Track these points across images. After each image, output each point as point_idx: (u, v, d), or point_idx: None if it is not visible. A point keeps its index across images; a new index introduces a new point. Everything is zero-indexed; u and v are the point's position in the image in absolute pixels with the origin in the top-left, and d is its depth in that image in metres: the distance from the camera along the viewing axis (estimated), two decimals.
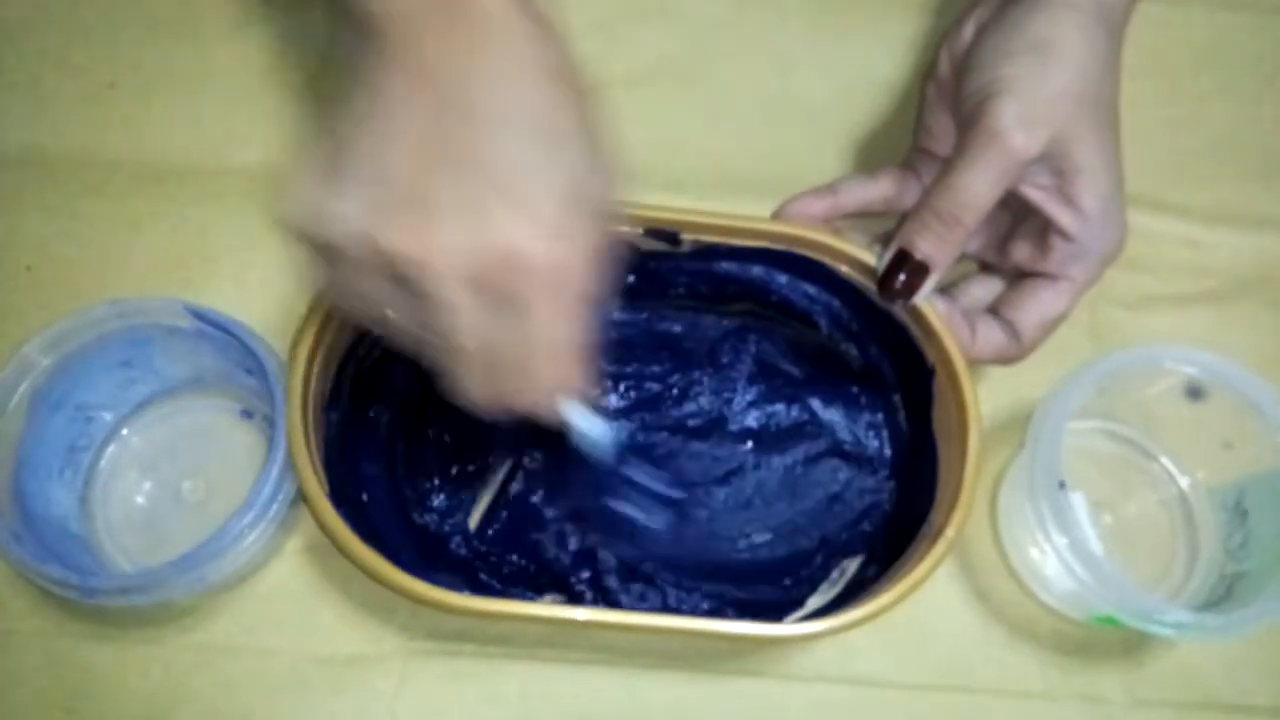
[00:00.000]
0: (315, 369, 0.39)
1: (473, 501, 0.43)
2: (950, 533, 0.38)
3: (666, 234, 0.42)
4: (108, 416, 0.43)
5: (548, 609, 0.37)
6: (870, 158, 0.50)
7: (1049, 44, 0.39)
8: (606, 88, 0.49)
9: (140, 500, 0.43)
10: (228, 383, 0.43)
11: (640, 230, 0.42)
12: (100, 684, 0.40)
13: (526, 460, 0.43)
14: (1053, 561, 0.39)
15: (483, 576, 0.41)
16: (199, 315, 0.40)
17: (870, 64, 0.52)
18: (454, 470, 0.43)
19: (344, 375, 0.42)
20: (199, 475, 0.43)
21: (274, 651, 0.41)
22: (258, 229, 0.47)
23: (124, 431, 0.44)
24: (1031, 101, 0.39)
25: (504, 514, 0.43)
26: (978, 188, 0.39)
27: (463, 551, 0.42)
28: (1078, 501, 0.43)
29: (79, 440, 0.42)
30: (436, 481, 0.43)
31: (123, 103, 0.49)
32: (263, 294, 0.45)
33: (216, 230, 0.47)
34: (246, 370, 0.41)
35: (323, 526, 0.37)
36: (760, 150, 0.50)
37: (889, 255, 0.41)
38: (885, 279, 0.41)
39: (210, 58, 0.50)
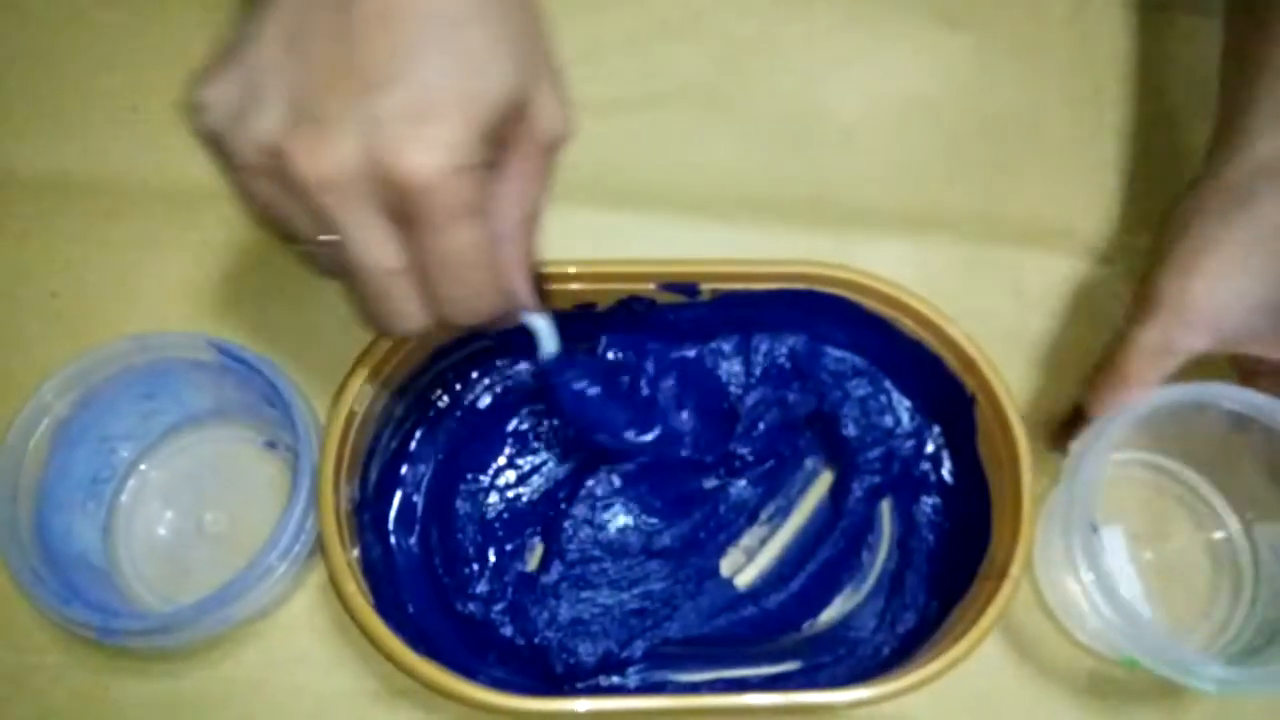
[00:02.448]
0: (344, 473, 0.39)
1: (514, 586, 0.42)
2: (1015, 571, 0.37)
3: (684, 286, 0.41)
4: (130, 448, 0.43)
5: (597, 703, 0.36)
6: (901, 177, 0.49)
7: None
8: (635, 107, 0.49)
9: (162, 532, 0.43)
10: (250, 414, 0.43)
11: (653, 285, 0.41)
12: (124, 719, 0.40)
13: (565, 540, 0.43)
14: (1086, 599, 0.38)
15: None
16: (222, 350, 0.40)
17: (901, 81, 0.51)
18: (492, 553, 0.43)
19: (369, 472, 0.41)
20: (221, 507, 0.43)
21: (299, 686, 0.41)
22: (280, 254, 0.46)
23: (146, 463, 0.43)
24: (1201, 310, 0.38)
25: (551, 600, 0.42)
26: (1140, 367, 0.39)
27: (520, 641, 0.41)
28: (1113, 538, 0.41)
29: (102, 472, 0.42)
30: (475, 567, 0.42)
31: (146, 126, 0.49)
32: (286, 319, 0.45)
33: (239, 255, 0.46)
34: (269, 403, 0.40)
35: (372, 639, 0.36)
36: (789, 171, 0.49)
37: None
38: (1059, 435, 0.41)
39: None
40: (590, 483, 0.43)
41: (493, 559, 0.42)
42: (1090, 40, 0.51)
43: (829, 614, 0.42)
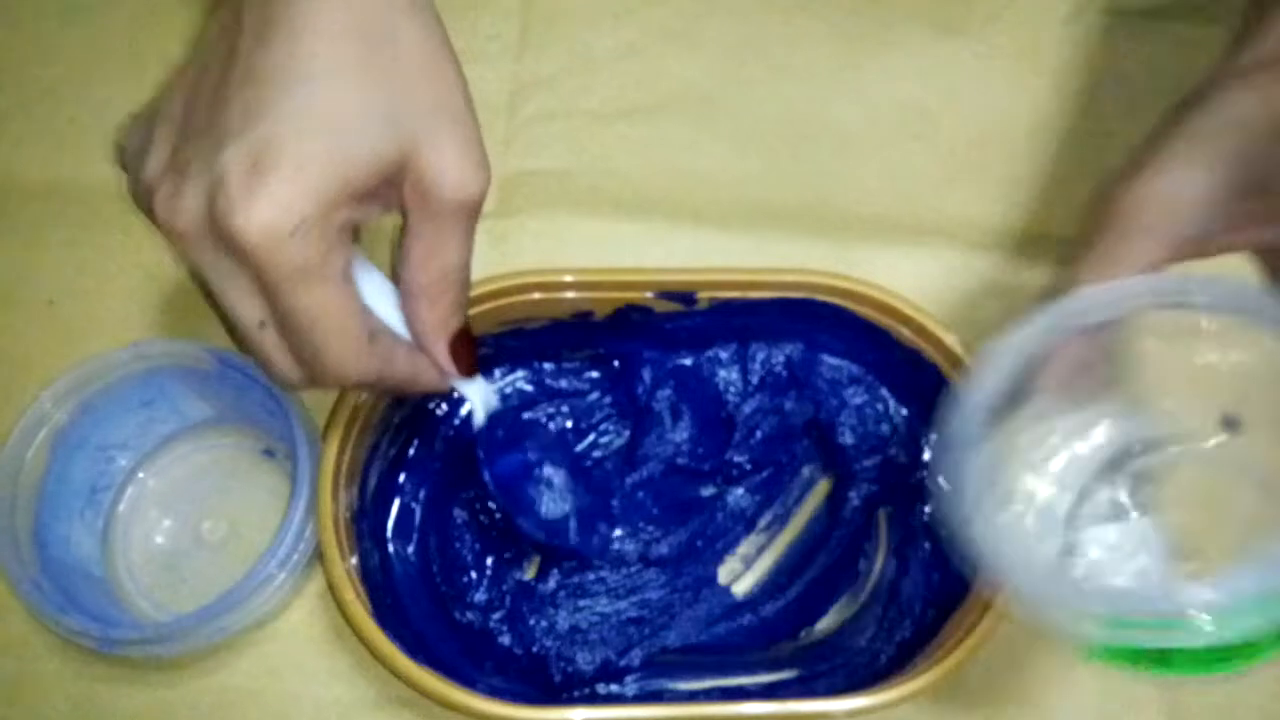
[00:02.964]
0: (342, 481, 0.39)
1: (513, 595, 0.42)
2: None
3: (681, 295, 0.41)
4: (129, 456, 0.43)
5: (595, 711, 0.37)
6: (899, 185, 0.49)
7: None
8: (632, 116, 0.50)
9: (160, 540, 0.43)
10: (249, 422, 0.43)
11: (651, 294, 0.41)
12: None
13: (560, 555, 0.43)
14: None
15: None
16: (221, 358, 0.40)
17: (899, 87, 0.51)
18: (490, 561, 0.43)
19: (368, 480, 0.41)
20: (219, 515, 0.43)
21: (297, 695, 0.41)
22: None
23: (145, 471, 0.43)
24: None
25: (549, 609, 0.42)
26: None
27: (518, 650, 0.41)
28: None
29: (100, 480, 0.42)
30: (473, 576, 0.42)
31: None
32: None
33: None
34: (268, 411, 0.40)
35: (371, 648, 0.37)
36: (787, 179, 0.49)
37: None
38: None
39: None
40: None
41: (491, 567, 0.42)
42: (1086, 49, 0.51)
43: (826, 622, 0.42)
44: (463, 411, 0.41)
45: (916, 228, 0.48)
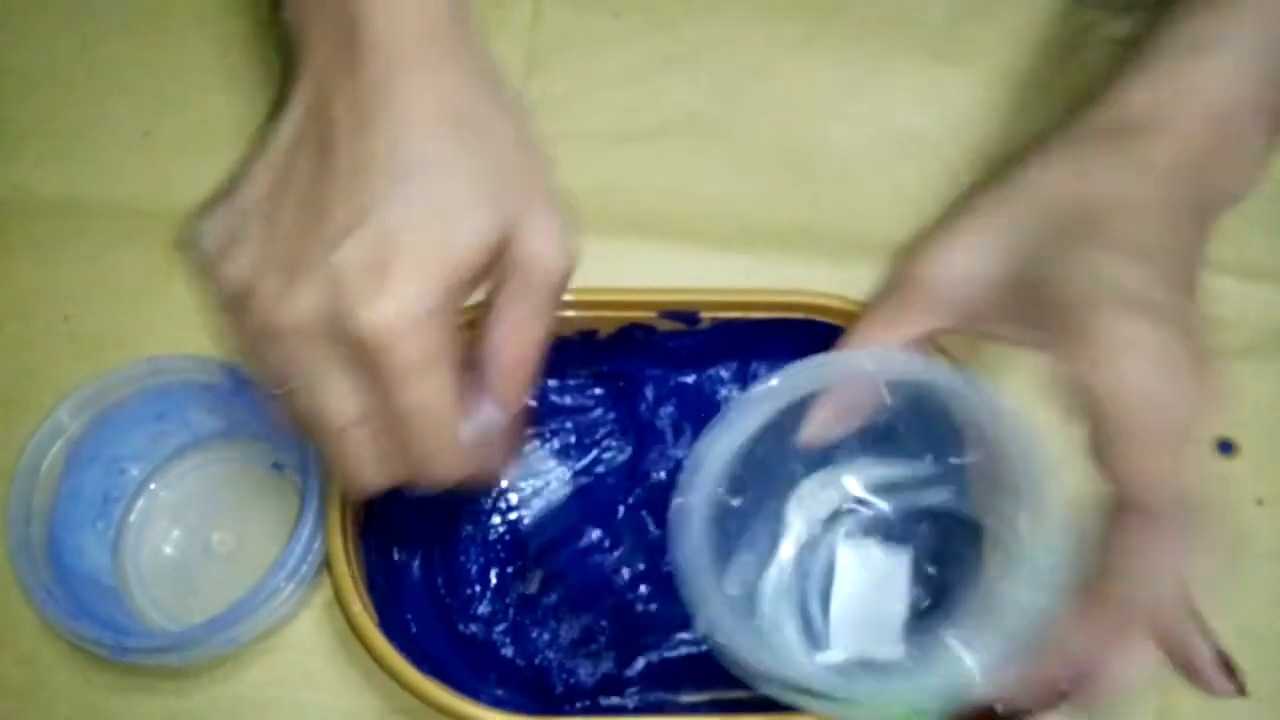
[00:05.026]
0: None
1: (516, 607, 0.43)
2: None
3: (684, 315, 0.42)
4: (140, 468, 0.44)
5: None
6: (898, 209, 0.50)
7: None
8: (636, 139, 0.51)
9: (170, 551, 0.43)
10: (259, 435, 0.44)
11: (654, 313, 0.42)
12: None
13: (557, 566, 0.43)
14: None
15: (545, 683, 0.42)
16: (233, 374, 0.40)
17: (898, 114, 0.52)
18: (494, 574, 0.43)
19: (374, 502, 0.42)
20: (229, 527, 0.43)
21: (304, 705, 0.41)
22: None
23: (155, 483, 0.44)
24: None
25: (552, 621, 0.43)
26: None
27: (520, 662, 0.42)
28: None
29: (112, 491, 0.43)
30: (477, 588, 0.43)
31: (158, 150, 0.50)
32: None
33: None
34: (278, 426, 0.41)
35: (376, 659, 0.37)
36: (787, 202, 0.50)
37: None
38: None
39: (243, 106, 0.50)
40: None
41: (494, 580, 0.43)
42: (1087, 76, 0.52)
43: None
44: None
45: None
